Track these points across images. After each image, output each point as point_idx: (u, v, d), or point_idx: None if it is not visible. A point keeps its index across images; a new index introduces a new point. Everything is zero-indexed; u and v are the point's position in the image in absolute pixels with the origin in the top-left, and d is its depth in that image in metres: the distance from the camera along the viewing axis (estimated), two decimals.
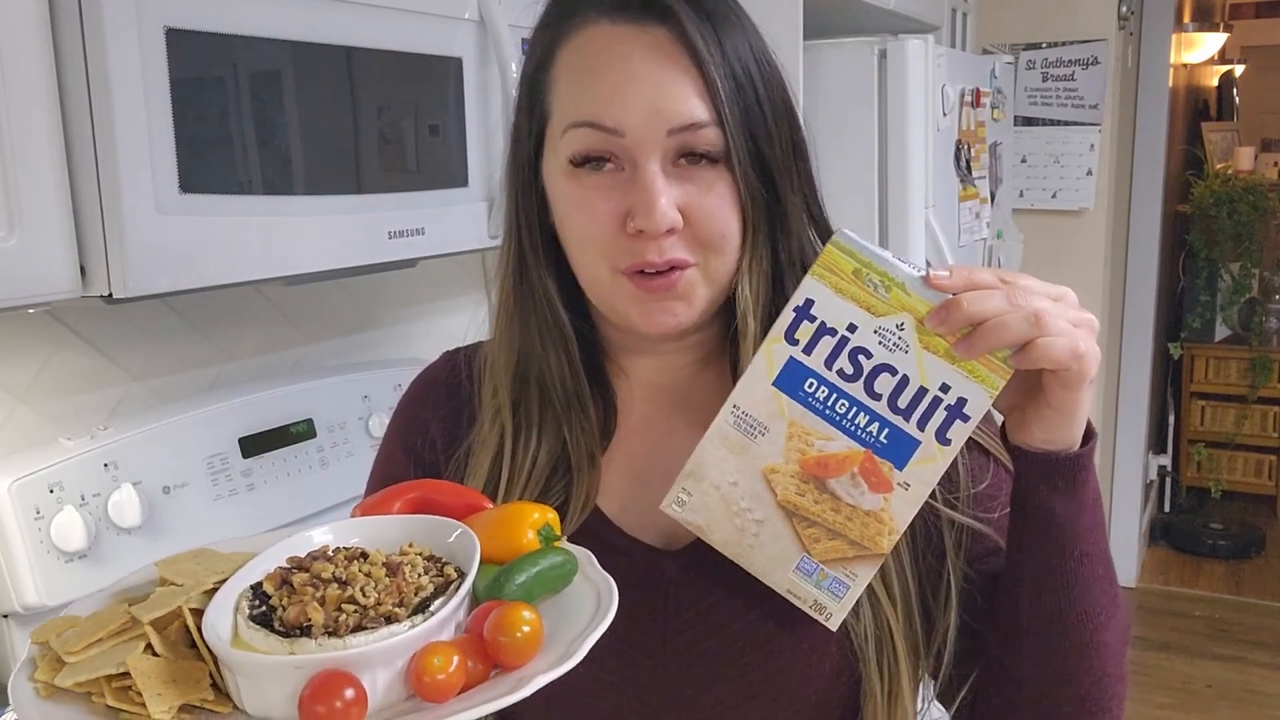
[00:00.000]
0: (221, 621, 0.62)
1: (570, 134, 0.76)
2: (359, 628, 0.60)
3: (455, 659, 0.60)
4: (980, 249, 2.43)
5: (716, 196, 0.76)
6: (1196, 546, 4.49)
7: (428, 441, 0.90)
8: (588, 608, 0.66)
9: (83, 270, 0.97)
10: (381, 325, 1.74)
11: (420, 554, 0.67)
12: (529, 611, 0.63)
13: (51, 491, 1.17)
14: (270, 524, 1.41)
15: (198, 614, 0.62)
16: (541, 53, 0.80)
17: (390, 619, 0.61)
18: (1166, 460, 4.73)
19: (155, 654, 0.60)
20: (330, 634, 0.59)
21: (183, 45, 0.99)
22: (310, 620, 0.59)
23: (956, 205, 2.24)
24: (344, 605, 0.61)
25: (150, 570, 0.70)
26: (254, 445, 1.40)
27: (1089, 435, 0.74)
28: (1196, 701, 3.39)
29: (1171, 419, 4.82)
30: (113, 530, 1.21)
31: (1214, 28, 4.79)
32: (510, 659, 0.62)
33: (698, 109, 0.74)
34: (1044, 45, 2.92)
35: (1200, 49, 4.72)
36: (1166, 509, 4.80)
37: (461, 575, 0.65)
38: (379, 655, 0.59)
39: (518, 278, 0.84)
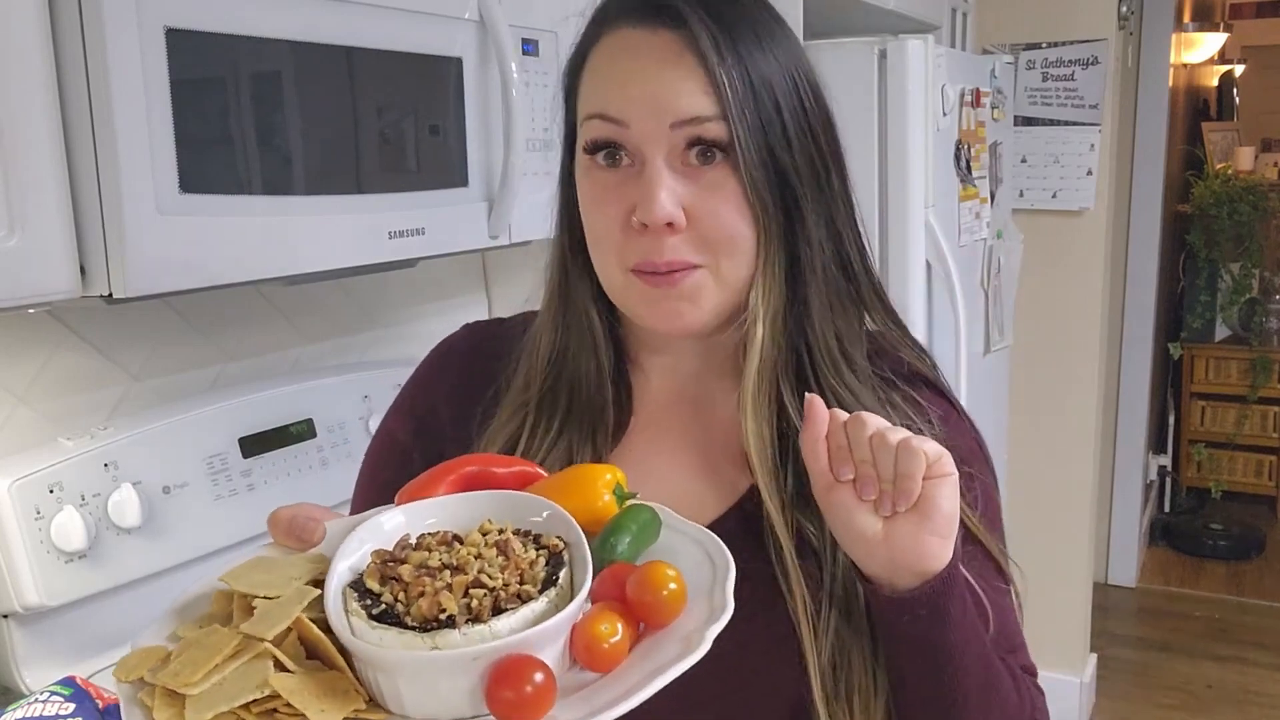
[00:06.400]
0: (339, 625, 0.59)
1: (585, 125, 0.80)
2: (497, 610, 0.58)
3: (620, 625, 0.59)
4: (980, 249, 2.43)
5: (722, 197, 0.77)
6: (1197, 547, 4.49)
7: (435, 412, 0.90)
8: (694, 557, 0.66)
9: (83, 270, 0.97)
10: (381, 325, 1.74)
11: (509, 530, 0.65)
12: (670, 569, 0.62)
13: (51, 491, 1.17)
14: None
15: (319, 623, 0.59)
16: (575, 60, 0.84)
17: (524, 598, 0.59)
18: (1166, 460, 4.73)
19: (287, 671, 0.57)
20: (473, 621, 0.57)
21: (183, 45, 0.99)
22: (445, 610, 0.57)
23: (956, 205, 2.23)
24: (471, 590, 0.58)
25: (201, 586, 0.67)
26: (254, 445, 1.39)
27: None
28: (1197, 702, 3.39)
29: (1171, 419, 4.82)
30: (113, 530, 1.21)
31: (1214, 28, 4.79)
32: (660, 617, 0.61)
33: (701, 104, 0.76)
34: (1044, 45, 2.92)
35: (1200, 49, 4.72)
36: (1167, 509, 4.80)
37: (567, 544, 0.64)
38: (549, 634, 0.57)
39: (562, 276, 0.87)
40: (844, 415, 0.73)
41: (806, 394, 0.74)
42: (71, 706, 0.98)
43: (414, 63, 1.27)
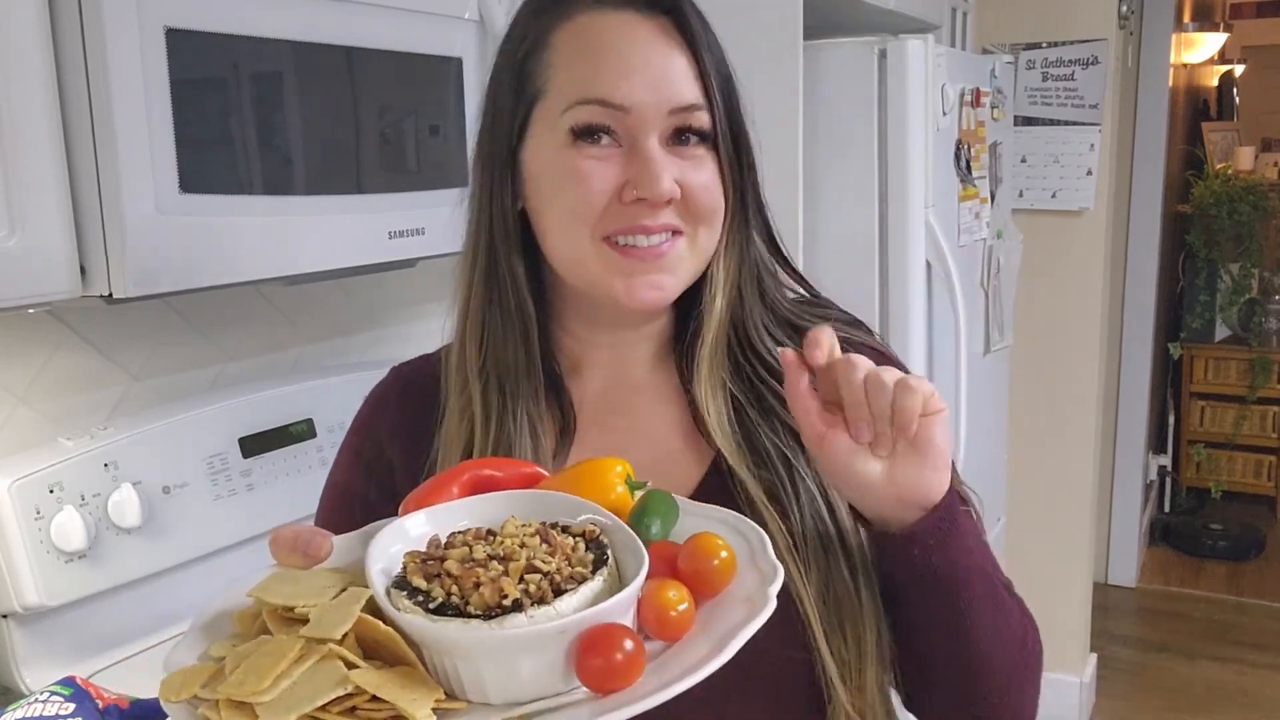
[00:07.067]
0: (404, 620, 0.58)
1: (574, 110, 0.79)
2: (558, 592, 0.58)
3: (686, 592, 0.60)
4: (980, 249, 2.43)
5: (707, 173, 0.81)
6: (1196, 547, 4.49)
7: (383, 457, 0.89)
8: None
9: (83, 270, 0.97)
10: (381, 325, 1.74)
11: (535, 522, 0.65)
12: (718, 538, 0.64)
13: (51, 491, 1.17)
14: (270, 524, 1.41)
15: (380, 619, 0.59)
16: (534, 37, 0.82)
17: (578, 579, 0.59)
18: (1166, 460, 4.73)
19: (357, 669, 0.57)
20: (538, 603, 0.57)
21: (183, 45, 1.00)
22: (508, 596, 0.57)
23: (956, 205, 2.23)
24: (527, 576, 0.58)
25: (220, 604, 0.66)
26: (254, 445, 1.39)
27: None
28: (1196, 703, 3.39)
29: (1171, 419, 4.82)
30: (113, 530, 1.21)
31: (1214, 28, 4.79)
32: (714, 585, 0.62)
33: (695, 92, 0.80)
34: (1044, 45, 2.92)
35: (1200, 49, 4.72)
36: (1166, 509, 4.80)
37: (602, 529, 0.65)
38: (626, 602, 0.58)
39: (488, 265, 0.85)
40: (828, 354, 0.74)
41: (780, 349, 0.77)
42: (71, 706, 0.98)
43: (414, 63, 1.27)
